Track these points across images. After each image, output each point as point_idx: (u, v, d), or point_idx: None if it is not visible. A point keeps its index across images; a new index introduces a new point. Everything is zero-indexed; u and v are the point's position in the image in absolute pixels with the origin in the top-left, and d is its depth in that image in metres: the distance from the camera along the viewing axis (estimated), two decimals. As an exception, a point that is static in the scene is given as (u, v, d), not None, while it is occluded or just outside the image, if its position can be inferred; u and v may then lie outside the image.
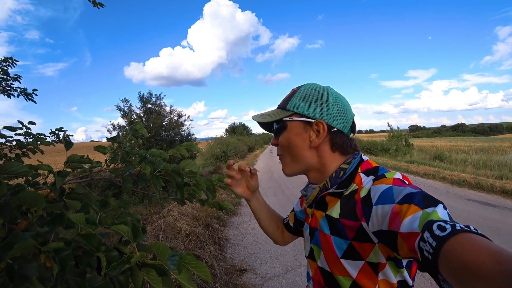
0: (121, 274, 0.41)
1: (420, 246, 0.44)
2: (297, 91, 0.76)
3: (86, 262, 0.42)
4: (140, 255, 0.41)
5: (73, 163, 0.69)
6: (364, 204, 0.60)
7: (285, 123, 0.76)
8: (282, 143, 0.77)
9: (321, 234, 0.71)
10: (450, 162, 12.69)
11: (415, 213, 0.48)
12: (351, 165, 0.70)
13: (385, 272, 0.60)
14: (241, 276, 3.06)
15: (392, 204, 0.53)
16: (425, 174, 9.69)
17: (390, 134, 18.18)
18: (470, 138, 58.13)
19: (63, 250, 0.38)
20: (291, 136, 0.75)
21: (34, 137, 1.63)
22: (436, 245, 0.40)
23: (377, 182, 0.62)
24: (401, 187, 0.56)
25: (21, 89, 2.84)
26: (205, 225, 4.38)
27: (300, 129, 0.74)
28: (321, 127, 0.71)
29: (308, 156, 0.74)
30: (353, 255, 0.62)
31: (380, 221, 0.54)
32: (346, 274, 0.64)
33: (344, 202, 0.67)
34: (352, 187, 0.66)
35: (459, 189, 7.50)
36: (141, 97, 10.60)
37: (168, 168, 0.79)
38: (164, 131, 10.55)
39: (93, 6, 2.67)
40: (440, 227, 0.42)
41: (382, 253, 0.59)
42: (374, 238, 0.58)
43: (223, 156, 17.25)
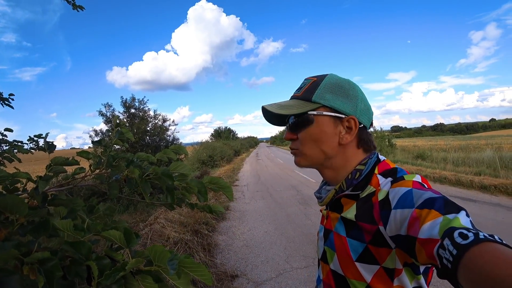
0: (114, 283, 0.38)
1: (439, 254, 0.42)
2: (322, 82, 0.70)
3: (75, 272, 0.38)
4: (136, 261, 0.37)
5: (56, 167, 0.64)
6: (382, 208, 0.58)
7: (311, 117, 0.68)
8: (305, 139, 0.70)
9: (336, 236, 0.68)
10: (431, 160, 13.09)
11: (435, 219, 0.46)
12: (367, 166, 0.68)
13: (400, 278, 0.57)
14: (233, 282, 3.01)
15: (411, 209, 0.51)
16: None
17: (374, 135, 18.61)
18: (449, 137, 60.34)
19: (49, 260, 0.34)
20: (319, 132, 0.68)
21: (11, 144, 1.55)
22: (456, 253, 0.38)
23: (396, 185, 0.59)
24: (422, 191, 0.54)
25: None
26: (194, 232, 4.30)
27: (330, 124, 0.68)
28: (353, 123, 0.67)
29: (333, 153, 0.69)
30: (369, 259, 0.60)
31: (399, 226, 0.52)
32: (360, 278, 0.61)
33: (360, 204, 0.64)
34: (369, 189, 0.64)
35: (441, 186, 7.74)
36: (124, 102, 10.37)
37: (157, 171, 0.75)
38: (149, 137, 10.35)
39: (72, 8, 2.59)
40: (462, 234, 0.40)
41: (399, 259, 0.56)
42: (391, 243, 0.55)
43: (209, 160, 17.10)
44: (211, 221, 4.98)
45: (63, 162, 0.66)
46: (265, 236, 4.41)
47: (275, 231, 4.60)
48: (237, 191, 8.53)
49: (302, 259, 3.51)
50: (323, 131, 0.68)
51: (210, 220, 4.99)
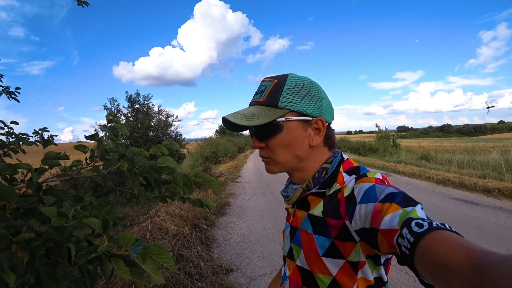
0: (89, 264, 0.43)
1: (398, 242, 0.45)
2: (285, 85, 0.68)
3: (57, 252, 0.44)
4: (107, 245, 0.43)
5: (50, 160, 0.70)
6: (348, 203, 0.61)
7: (280, 124, 0.67)
8: (276, 146, 0.69)
9: (303, 233, 0.70)
10: (436, 162, 12.99)
11: (395, 211, 0.49)
12: (333, 164, 0.70)
13: (364, 270, 0.61)
14: (228, 276, 3.08)
15: (374, 203, 0.54)
16: (411, 174, 9.90)
17: (378, 135, 18.46)
18: (455, 138, 59.59)
19: (33, 240, 0.40)
20: (289, 138, 0.68)
21: (17, 137, 1.62)
22: (413, 240, 0.42)
23: (360, 181, 0.62)
24: (384, 186, 0.57)
25: (3, 87, 2.81)
26: (193, 226, 4.38)
27: (300, 128, 0.68)
28: (321, 124, 0.69)
29: (304, 156, 0.70)
30: (335, 254, 0.63)
31: (363, 219, 0.56)
32: (326, 272, 0.64)
33: (327, 201, 0.66)
34: (335, 186, 0.66)
35: (444, 188, 7.70)
36: (129, 97, 10.52)
37: (145, 164, 0.81)
38: (152, 132, 10.47)
39: (77, 4, 2.65)
40: (418, 224, 0.44)
41: (363, 252, 0.59)
42: (356, 237, 0.58)
43: (212, 156, 17.19)
44: (210, 216, 5.05)
45: (55, 157, 0.72)
46: (263, 233, 4.47)
47: (273, 228, 4.66)
48: (239, 187, 8.60)
49: (298, 256, 3.54)
50: (294, 136, 0.68)
51: (210, 215, 5.07)
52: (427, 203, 5.90)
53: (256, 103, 0.71)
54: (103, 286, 2.45)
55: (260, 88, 0.72)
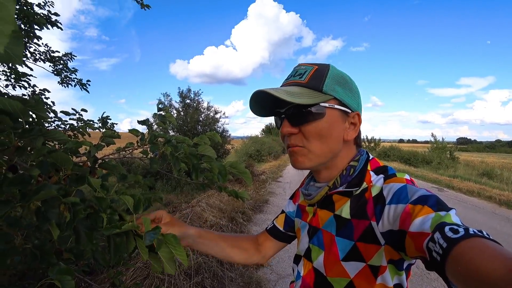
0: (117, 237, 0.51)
1: (428, 247, 0.43)
2: (328, 72, 0.64)
3: (94, 219, 0.52)
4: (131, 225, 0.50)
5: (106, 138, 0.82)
6: (376, 203, 0.59)
7: (322, 110, 0.62)
8: (312, 134, 0.63)
9: (325, 234, 0.68)
10: (500, 180, 11.57)
11: (427, 214, 0.47)
12: (360, 162, 0.67)
13: (384, 276, 0.58)
14: (257, 270, 3.14)
15: (405, 204, 0.52)
16: (468, 191, 8.95)
17: (433, 145, 17.02)
18: (529, 156, 52.24)
19: (77, 204, 0.48)
20: (328, 127, 0.63)
21: (85, 122, 1.86)
22: (446, 246, 0.40)
23: (389, 181, 0.60)
24: (416, 188, 0.55)
25: (78, 79, 3.25)
26: (230, 218, 4.53)
27: (338, 118, 0.64)
28: (358, 119, 0.66)
29: (337, 150, 0.66)
30: (355, 257, 0.60)
31: (392, 221, 0.53)
32: (343, 275, 0.62)
33: (354, 201, 0.63)
34: (363, 185, 0.64)
35: (507, 211, 6.83)
36: (181, 93, 11.28)
37: (186, 150, 0.88)
38: (201, 126, 11.01)
39: (141, 7, 2.92)
40: (453, 229, 0.41)
41: (385, 256, 0.57)
42: (381, 239, 0.56)
43: (256, 155, 17.43)
44: (248, 211, 5.17)
45: (110, 135, 0.84)
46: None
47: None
48: (279, 187, 8.62)
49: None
50: (333, 126, 0.63)
51: (247, 210, 5.18)
52: (484, 226, 5.29)
53: (295, 83, 0.65)
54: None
55: (297, 71, 0.67)
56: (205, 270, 2.82)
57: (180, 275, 2.65)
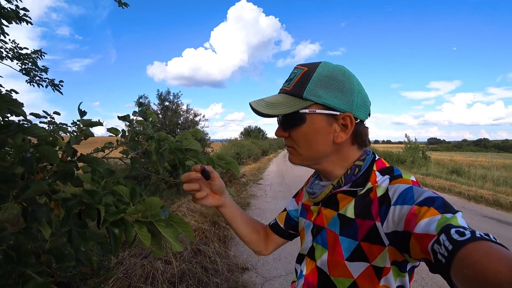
0: (115, 227, 0.47)
1: (433, 249, 0.43)
2: (314, 74, 0.63)
3: (88, 214, 0.49)
4: (135, 208, 0.47)
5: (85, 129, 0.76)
6: (381, 203, 0.58)
7: (303, 116, 0.63)
8: (298, 138, 0.66)
9: (329, 233, 0.68)
10: (468, 177, 12.26)
11: (433, 216, 0.47)
12: (366, 162, 0.67)
13: (387, 278, 0.58)
14: (243, 274, 3.10)
15: (411, 205, 0.52)
16: (440, 187, 9.40)
17: (407, 145, 17.78)
18: (492, 154, 55.81)
19: (70, 199, 0.45)
20: (311, 132, 0.64)
21: (57, 126, 1.76)
22: (452, 249, 0.39)
23: (395, 182, 0.60)
24: (422, 189, 0.55)
25: (49, 79, 3.07)
26: (212, 222, 4.46)
27: (323, 123, 0.63)
28: (349, 120, 0.63)
29: (327, 151, 0.66)
30: (359, 257, 0.60)
31: (396, 222, 0.53)
32: (347, 275, 0.62)
33: (359, 201, 0.63)
34: (367, 185, 0.63)
35: (475, 205, 7.25)
36: (159, 95, 11.02)
37: (171, 145, 0.85)
38: (180, 129, 10.83)
39: (118, 5, 2.83)
40: (459, 232, 0.41)
41: (389, 257, 0.56)
42: (386, 240, 0.56)
43: (236, 157, 17.37)
44: (230, 214, 5.11)
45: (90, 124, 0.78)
46: (281, 235, 4.45)
47: (291, 231, 4.62)
48: (260, 189, 8.62)
49: (314, 261, 3.50)
50: (316, 130, 0.64)
51: (229, 213, 5.13)
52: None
53: (283, 91, 0.68)
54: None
55: (290, 76, 0.68)
56: (189, 277, 2.75)
57: (163, 283, 2.57)
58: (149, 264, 2.73)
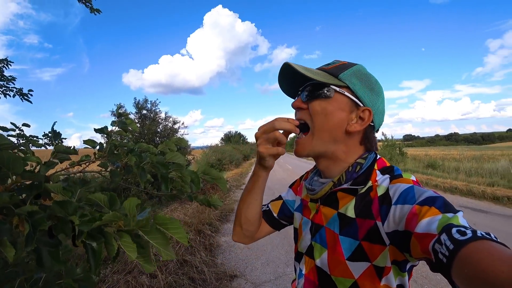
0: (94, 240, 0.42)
1: (434, 248, 0.43)
2: (353, 67, 0.67)
3: (61, 229, 0.43)
4: (113, 214, 0.41)
5: (59, 154, 0.69)
6: (381, 203, 0.58)
7: (331, 91, 0.65)
8: (316, 111, 0.66)
9: (329, 232, 0.67)
10: (443, 170, 12.80)
11: (434, 216, 0.47)
12: (367, 160, 0.66)
13: (388, 277, 0.58)
14: (231, 282, 3.03)
15: (412, 205, 0.52)
16: (418, 182, 9.76)
17: (384, 143, 18.34)
18: (463, 147, 58.77)
19: (37, 213, 0.39)
20: (332, 110, 0.65)
21: (27, 139, 1.64)
22: (453, 248, 0.39)
23: (395, 181, 0.59)
24: (423, 189, 0.55)
25: (17, 89, 2.88)
26: (197, 231, 4.36)
27: (346, 106, 0.65)
28: (367, 115, 0.65)
29: (338, 139, 0.66)
30: (360, 257, 0.60)
31: (397, 221, 0.53)
32: (347, 275, 0.61)
33: (359, 200, 0.63)
34: (368, 184, 0.63)
35: (451, 196, 7.57)
36: (137, 103, 10.64)
37: (153, 159, 0.80)
38: (159, 138, 10.54)
39: (90, 12, 2.72)
40: (460, 231, 0.41)
41: (390, 257, 0.56)
42: (386, 240, 0.56)
43: (218, 164, 17.19)
44: (214, 222, 5.02)
45: (64, 151, 0.71)
46: (267, 239, 4.41)
47: (278, 235, 4.59)
48: (244, 194, 8.55)
49: (303, 262, 3.49)
50: (337, 109, 0.65)
51: (214, 221, 5.04)
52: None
53: (320, 69, 0.70)
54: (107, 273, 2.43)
55: (329, 62, 0.72)
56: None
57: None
58: (133, 280, 2.61)
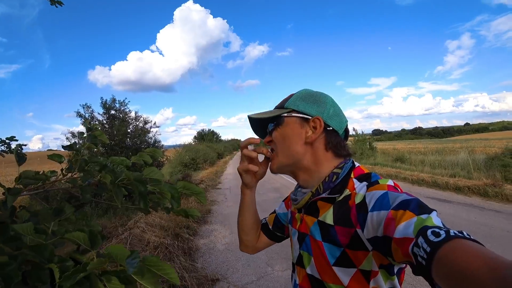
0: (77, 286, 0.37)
1: (414, 252, 0.44)
2: (295, 93, 0.78)
3: (37, 276, 0.37)
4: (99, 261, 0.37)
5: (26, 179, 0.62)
6: (359, 211, 0.60)
7: (282, 119, 0.76)
8: (276, 138, 0.76)
9: (312, 240, 0.69)
10: (410, 163, 13.49)
11: (410, 219, 0.48)
12: (344, 169, 0.69)
13: (376, 280, 0.59)
14: (213, 286, 2.99)
15: (387, 210, 0.53)
16: (388, 175, 10.20)
17: (355, 139, 18.97)
18: (427, 140, 62.40)
19: (7, 265, 0.33)
20: (287, 130, 0.74)
21: (-19, 146, 1.48)
22: (430, 250, 0.41)
23: (371, 188, 0.61)
24: (397, 194, 0.56)
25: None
26: (174, 236, 4.24)
27: (297, 124, 0.73)
28: (318, 123, 0.71)
29: (301, 152, 0.72)
30: (346, 263, 0.61)
31: (376, 228, 0.54)
32: (337, 282, 0.63)
33: (337, 208, 0.65)
34: (345, 192, 0.65)
35: (419, 188, 8.01)
36: (104, 103, 10.06)
37: (130, 176, 0.74)
38: (129, 139, 10.11)
39: (50, 4, 2.51)
40: (435, 232, 0.42)
41: (375, 261, 0.58)
42: (368, 245, 0.57)
43: (192, 163, 16.89)
44: (192, 224, 4.92)
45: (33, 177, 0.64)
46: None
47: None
48: (220, 194, 8.48)
49: (283, 262, 3.53)
50: (292, 130, 0.74)
51: (191, 224, 4.94)
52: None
53: (275, 108, 0.82)
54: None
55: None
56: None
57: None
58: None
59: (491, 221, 4.76)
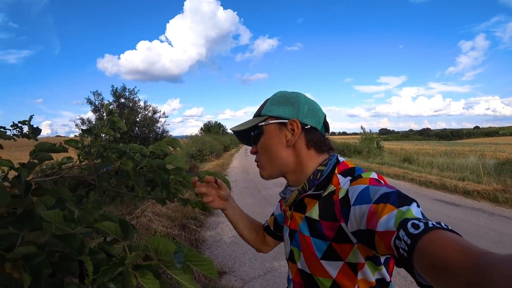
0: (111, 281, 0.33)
1: (396, 244, 0.45)
2: (269, 98, 0.79)
3: (65, 268, 0.33)
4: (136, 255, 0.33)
5: (41, 153, 0.58)
6: (342, 205, 0.61)
7: (261, 128, 0.77)
8: (261, 149, 0.78)
9: (301, 236, 0.72)
10: (418, 164, 13.34)
11: (390, 212, 0.49)
12: (328, 166, 0.71)
13: (364, 271, 0.62)
14: (220, 279, 2.97)
15: (369, 204, 0.54)
16: (395, 175, 10.08)
17: (362, 137, 18.80)
18: (434, 142, 61.67)
19: (35, 255, 0.29)
20: (268, 139, 0.75)
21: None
22: (410, 242, 0.41)
23: (354, 183, 0.62)
24: (377, 187, 0.57)
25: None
26: (181, 226, 4.24)
27: (276, 130, 0.75)
28: (295, 125, 0.72)
29: (286, 156, 0.75)
30: (333, 256, 0.63)
31: (359, 221, 0.56)
32: (326, 275, 0.65)
33: (322, 203, 0.67)
34: (330, 188, 0.67)
35: (426, 190, 7.88)
36: (114, 91, 10.06)
37: (152, 164, 0.70)
38: (138, 128, 10.13)
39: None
40: (414, 225, 0.43)
41: (361, 253, 0.60)
42: (353, 238, 0.59)
43: (198, 154, 16.92)
44: (199, 216, 4.91)
45: (49, 149, 0.60)
46: (253, 233, 4.39)
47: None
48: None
49: (289, 257, 3.49)
50: (271, 137, 0.75)
51: (198, 215, 4.93)
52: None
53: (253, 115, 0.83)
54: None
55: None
56: None
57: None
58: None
59: (501, 227, 4.65)
